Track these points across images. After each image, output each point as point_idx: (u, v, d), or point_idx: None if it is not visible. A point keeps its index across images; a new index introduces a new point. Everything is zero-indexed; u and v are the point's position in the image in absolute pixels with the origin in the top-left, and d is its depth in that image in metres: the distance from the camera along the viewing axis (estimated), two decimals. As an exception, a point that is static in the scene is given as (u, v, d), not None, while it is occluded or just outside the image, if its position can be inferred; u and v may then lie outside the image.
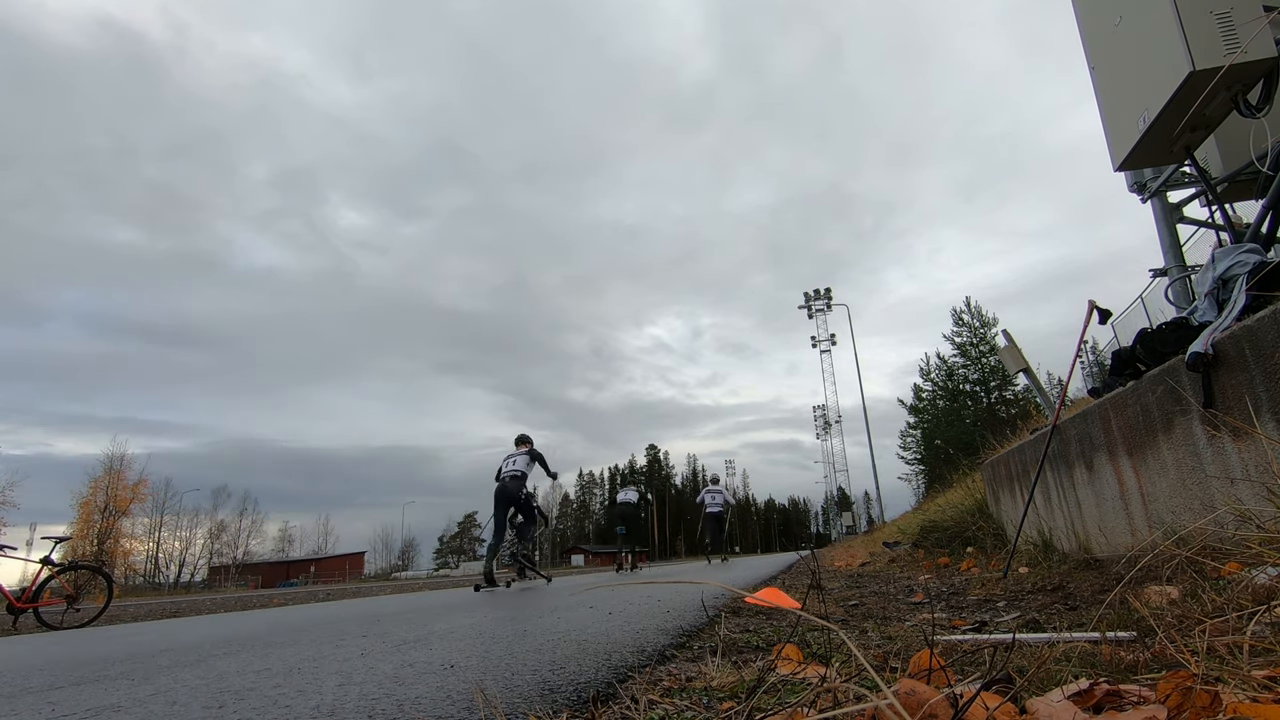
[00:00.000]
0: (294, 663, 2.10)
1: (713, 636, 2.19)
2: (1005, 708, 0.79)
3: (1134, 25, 3.52)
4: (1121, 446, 3.51)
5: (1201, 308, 3.11)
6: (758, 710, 0.95)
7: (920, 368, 43.25)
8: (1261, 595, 1.47)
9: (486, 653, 2.04)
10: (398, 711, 1.30)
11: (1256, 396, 2.34)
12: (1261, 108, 3.16)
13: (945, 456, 21.84)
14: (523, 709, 1.26)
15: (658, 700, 1.24)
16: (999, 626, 2.09)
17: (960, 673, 1.28)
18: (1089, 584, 2.98)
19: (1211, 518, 2.36)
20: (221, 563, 61.41)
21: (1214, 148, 4.41)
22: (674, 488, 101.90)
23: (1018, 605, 2.65)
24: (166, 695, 1.64)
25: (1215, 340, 2.56)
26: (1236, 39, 3.00)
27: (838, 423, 57.68)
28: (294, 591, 19.88)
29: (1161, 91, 3.27)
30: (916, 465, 40.42)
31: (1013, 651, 1.42)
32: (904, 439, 42.04)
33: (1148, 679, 0.97)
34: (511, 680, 1.56)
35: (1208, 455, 2.70)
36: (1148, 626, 1.40)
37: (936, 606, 2.88)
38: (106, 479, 45.94)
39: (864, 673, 1.15)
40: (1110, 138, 3.95)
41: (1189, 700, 0.79)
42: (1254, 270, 2.80)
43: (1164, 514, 3.09)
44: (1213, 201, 4.26)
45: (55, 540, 7.79)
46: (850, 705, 0.87)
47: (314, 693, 1.54)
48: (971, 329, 39.50)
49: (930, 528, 7.83)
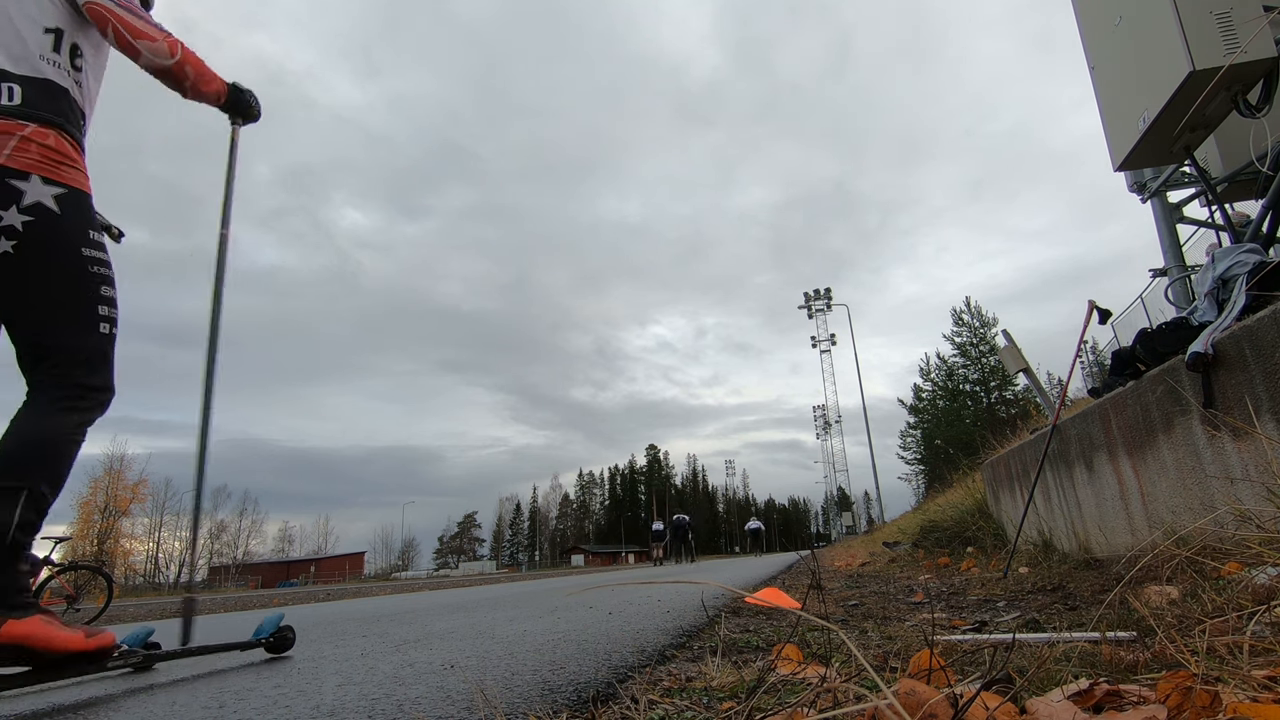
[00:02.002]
0: (294, 662, 2.10)
1: (713, 636, 2.19)
2: (1005, 708, 0.79)
3: (1134, 25, 3.52)
4: (1121, 446, 3.51)
5: (1201, 308, 3.11)
6: (758, 710, 0.95)
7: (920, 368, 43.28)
8: (1261, 595, 1.47)
9: (486, 653, 2.05)
10: (398, 711, 1.30)
11: (1256, 396, 2.34)
12: (1261, 108, 3.16)
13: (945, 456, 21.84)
14: (523, 709, 1.26)
15: (658, 700, 1.24)
16: (999, 626, 2.09)
17: (960, 673, 1.28)
18: (1089, 584, 2.98)
19: (1211, 518, 2.36)
20: (221, 563, 61.42)
21: (1214, 148, 4.41)
22: (674, 488, 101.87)
23: (1018, 605, 2.65)
24: (166, 694, 1.64)
25: (1215, 340, 2.56)
26: (1236, 39, 3.00)
27: (838, 423, 57.72)
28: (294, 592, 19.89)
29: (1161, 91, 3.27)
30: (916, 465, 40.42)
31: (1013, 651, 1.42)
32: (904, 439, 42.06)
33: (1148, 679, 0.97)
34: (511, 680, 1.56)
35: (1208, 455, 2.70)
36: (1148, 626, 1.40)
37: (936, 606, 2.88)
38: (106, 479, 45.98)
39: (864, 673, 1.15)
40: (1110, 138, 3.95)
41: (1189, 700, 0.79)
42: (1254, 270, 2.80)
43: (1164, 514, 3.09)
44: (1213, 201, 4.26)
45: (55, 540, 7.80)
46: (850, 705, 0.87)
47: (314, 693, 1.54)
48: (971, 329, 39.52)
49: (930, 528, 7.83)
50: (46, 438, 1.68)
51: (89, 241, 1.81)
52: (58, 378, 1.74)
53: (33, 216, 1.69)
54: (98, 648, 1.71)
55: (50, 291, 1.75)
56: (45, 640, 1.58)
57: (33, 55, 1.77)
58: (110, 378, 1.86)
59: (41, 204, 1.70)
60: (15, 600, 1.57)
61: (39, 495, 1.63)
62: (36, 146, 1.71)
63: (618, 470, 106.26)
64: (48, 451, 1.67)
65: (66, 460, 1.71)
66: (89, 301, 1.80)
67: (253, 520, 66.68)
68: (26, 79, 1.74)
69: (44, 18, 1.80)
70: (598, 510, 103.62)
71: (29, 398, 1.73)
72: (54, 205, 1.72)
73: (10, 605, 1.56)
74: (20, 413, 1.70)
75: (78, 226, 1.78)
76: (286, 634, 2.39)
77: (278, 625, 2.38)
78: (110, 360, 1.86)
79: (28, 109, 1.72)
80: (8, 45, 1.74)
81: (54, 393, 1.73)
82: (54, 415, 1.71)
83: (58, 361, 1.74)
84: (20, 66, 1.74)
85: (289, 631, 2.41)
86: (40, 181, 1.70)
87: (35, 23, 1.79)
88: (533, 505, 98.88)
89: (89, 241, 1.81)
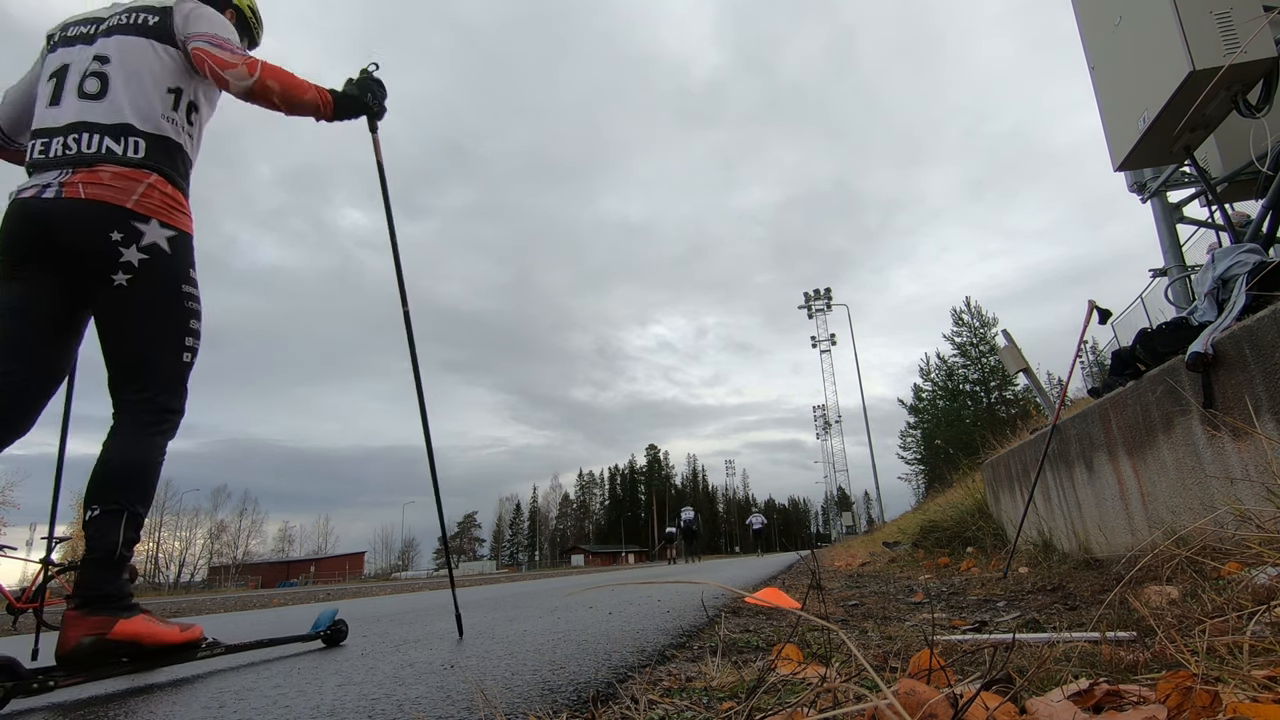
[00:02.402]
0: (294, 662, 2.10)
1: (713, 636, 2.19)
2: (1005, 708, 0.79)
3: (1134, 25, 3.52)
4: (1121, 446, 3.50)
5: (1201, 308, 3.11)
6: (758, 710, 0.95)
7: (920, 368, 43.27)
8: (1261, 595, 1.47)
9: (486, 652, 2.04)
10: (397, 711, 1.30)
11: (1256, 396, 2.34)
12: (1261, 108, 3.16)
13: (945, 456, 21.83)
14: (523, 709, 1.26)
15: (658, 700, 1.24)
16: (999, 626, 2.09)
17: (960, 673, 1.28)
18: (1089, 584, 2.98)
19: (1211, 518, 2.36)
20: (221, 563, 61.42)
21: (1214, 148, 4.41)
22: (674, 488, 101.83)
23: (1018, 605, 2.65)
24: (167, 694, 1.64)
25: (1215, 340, 2.56)
26: (1236, 39, 3.00)
27: (837, 423, 57.69)
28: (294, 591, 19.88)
29: (1161, 91, 3.27)
30: (916, 465, 40.40)
31: (1013, 651, 1.42)
32: (904, 439, 42.04)
33: (1148, 679, 0.97)
34: (511, 680, 1.56)
35: (1208, 455, 2.70)
36: (1148, 626, 1.40)
37: (936, 606, 2.88)
38: (106, 479, 45.83)
39: (864, 673, 1.15)
40: (1110, 138, 3.95)
41: (1189, 700, 0.79)
42: (1254, 270, 2.80)
43: (1164, 514, 3.09)
44: (1213, 201, 4.26)
45: (55, 540, 7.79)
46: (850, 705, 0.87)
47: (314, 692, 1.54)
48: (971, 329, 39.51)
49: (930, 528, 7.83)
50: (139, 462, 1.90)
51: (189, 279, 2.05)
52: (143, 400, 1.95)
53: (148, 255, 1.92)
54: (188, 640, 1.95)
55: (151, 322, 1.97)
56: (150, 636, 1.83)
57: (156, 115, 2.01)
58: (184, 401, 2.07)
59: (157, 244, 1.94)
60: (124, 603, 1.81)
61: (136, 514, 1.86)
62: (158, 194, 1.95)
63: (618, 470, 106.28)
64: (141, 475, 1.89)
65: (155, 479, 1.94)
66: (180, 332, 2.02)
67: (253, 520, 66.72)
68: (150, 135, 1.98)
69: (167, 79, 2.05)
70: (598, 510, 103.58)
71: (117, 420, 1.95)
72: (166, 246, 1.96)
73: (121, 608, 1.79)
74: (111, 439, 1.91)
75: (183, 265, 2.02)
76: (340, 627, 2.61)
77: (333, 619, 2.59)
78: (186, 385, 2.08)
79: (149, 161, 1.95)
80: (138, 106, 1.98)
81: (140, 415, 1.94)
82: (143, 440, 1.93)
83: (145, 384, 1.96)
84: (146, 124, 1.98)
85: (343, 625, 2.63)
86: (158, 225, 1.95)
87: (160, 84, 2.04)
88: (533, 505, 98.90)
89: (189, 279, 2.05)
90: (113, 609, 1.77)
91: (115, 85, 1.97)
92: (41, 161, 1.91)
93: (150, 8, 2.09)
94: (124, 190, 1.89)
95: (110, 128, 1.93)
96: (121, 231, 1.87)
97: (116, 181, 1.88)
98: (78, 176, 1.86)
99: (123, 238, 1.87)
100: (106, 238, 1.86)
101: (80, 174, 1.86)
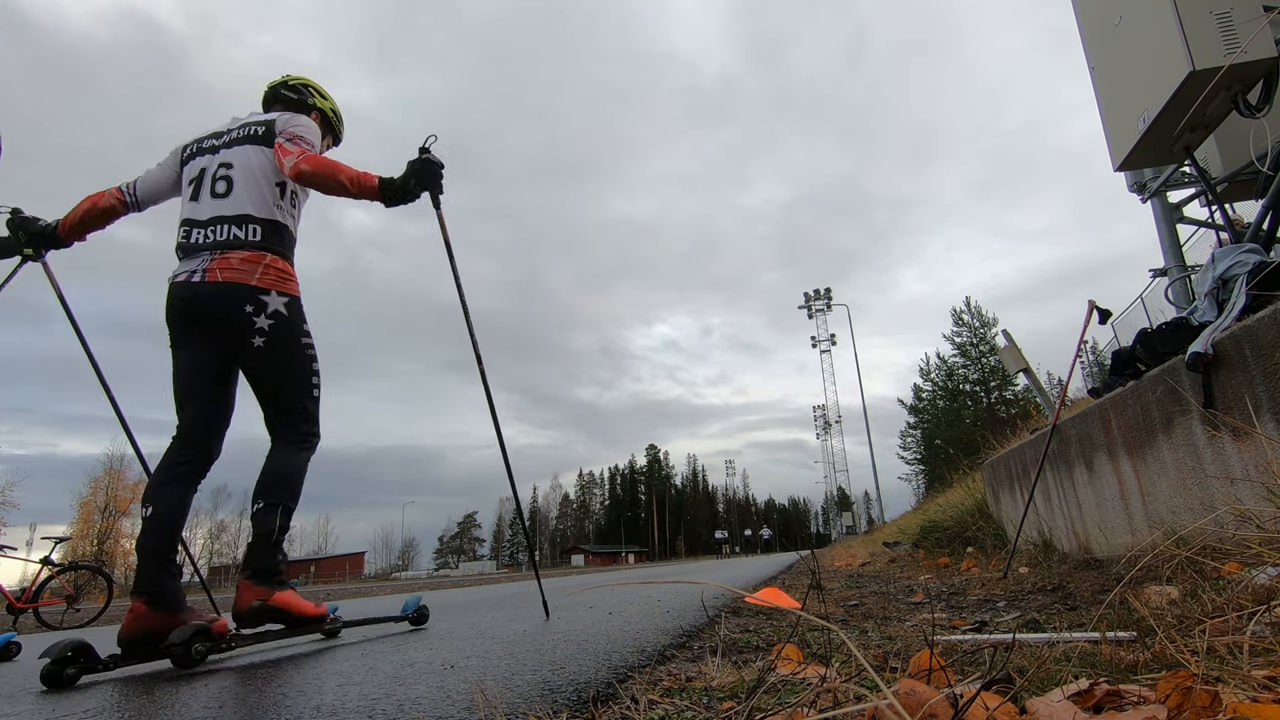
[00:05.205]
0: (294, 661, 2.10)
1: (713, 636, 2.19)
2: (1005, 708, 0.79)
3: (1134, 25, 3.52)
4: (1121, 446, 3.50)
5: (1201, 308, 3.11)
6: (758, 710, 0.95)
7: (920, 368, 43.26)
8: (1261, 595, 1.47)
9: (486, 652, 2.04)
10: (398, 711, 1.30)
11: (1256, 396, 2.34)
12: (1261, 108, 3.16)
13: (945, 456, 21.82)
14: (523, 709, 1.26)
15: (658, 700, 1.24)
16: (999, 626, 2.09)
17: (960, 673, 1.28)
18: (1089, 584, 2.98)
19: (1211, 518, 2.36)
20: (222, 563, 61.34)
21: (1214, 148, 4.40)
22: (674, 488, 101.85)
23: (1018, 605, 2.65)
24: (167, 694, 1.64)
25: (1215, 340, 2.56)
26: (1236, 39, 3.00)
27: (838, 423, 57.68)
28: (294, 591, 19.86)
29: (1161, 91, 3.27)
30: (916, 465, 40.40)
31: (1013, 651, 1.42)
32: (904, 439, 42.04)
33: (1148, 679, 0.97)
34: (511, 680, 1.56)
35: (1208, 455, 2.70)
36: (1148, 626, 1.40)
37: (936, 606, 2.88)
38: (107, 479, 45.90)
39: (864, 673, 1.15)
40: (1110, 138, 3.95)
41: (1189, 700, 0.79)
42: (1254, 270, 2.80)
43: (1164, 514, 3.08)
44: (1213, 201, 4.26)
45: (55, 540, 7.79)
46: (850, 705, 0.87)
47: (314, 692, 1.54)
48: (971, 329, 39.48)
49: (930, 528, 7.83)
50: (291, 469, 2.43)
51: (305, 332, 2.54)
52: (292, 429, 2.49)
53: (274, 320, 2.41)
54: (319, 614, 2.52)
55: (286, 370, 2.47)
56: (298, 607, 2.37)
57: (269, 205, 2.49)
58: (318, 425, 2.59)
59: (278, 310, 2.42)
60: (279, 578, 2.34)
61: (288, 509, 2.39)
62: (274, 270, 2.43)
63: (618, 470, 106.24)
64: (293, 478, 2.43)
65: (302, 482, 2.46)
66: (306, 374, 2.52)
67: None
68: (264, 220, 2.46)
69: (274, 175, 2.52)
70: (598, 510, 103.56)
71: (275, 442, 2.48)
72: (284, 310, 2.44)
73: (277, 582, 2.32)
74: (271, 454, 2.45)
75: (298, 322, 2.50)
76: (424, 611, 3.19)
77: (418, 605, 3.18)
78: (318, 413, 2.58)
79: (265, 243, 2.43)
80: (255, 199, 2.46)
81: (291, 439, 2.48)
82: (294, 454, 2.46)
83: (292, 418, 2.49)
84: (262, 212, 2.46)
85: (425, 609, 3.21)
86: (276, 294, 2.42)
87: (270, 180, 2.51)
88: (533, 505, 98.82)
89: (305, 332, 2.54)
90: (273, 582, 2.29)
91: (238, 185, 2.45)
92: (186, 245, 2.41)
93: (260, 120, 2.58)
94: (249, 271, 2.36)
95: (235, 218, 2.41)
96: (252, 305, 2.35)
97: (243, 265, 2.36)
98: (215, 263, 2.34)
99: (253, 309, 2.36)
100: (241, 310, 2.34)
101: (217, 260, 2.35)
